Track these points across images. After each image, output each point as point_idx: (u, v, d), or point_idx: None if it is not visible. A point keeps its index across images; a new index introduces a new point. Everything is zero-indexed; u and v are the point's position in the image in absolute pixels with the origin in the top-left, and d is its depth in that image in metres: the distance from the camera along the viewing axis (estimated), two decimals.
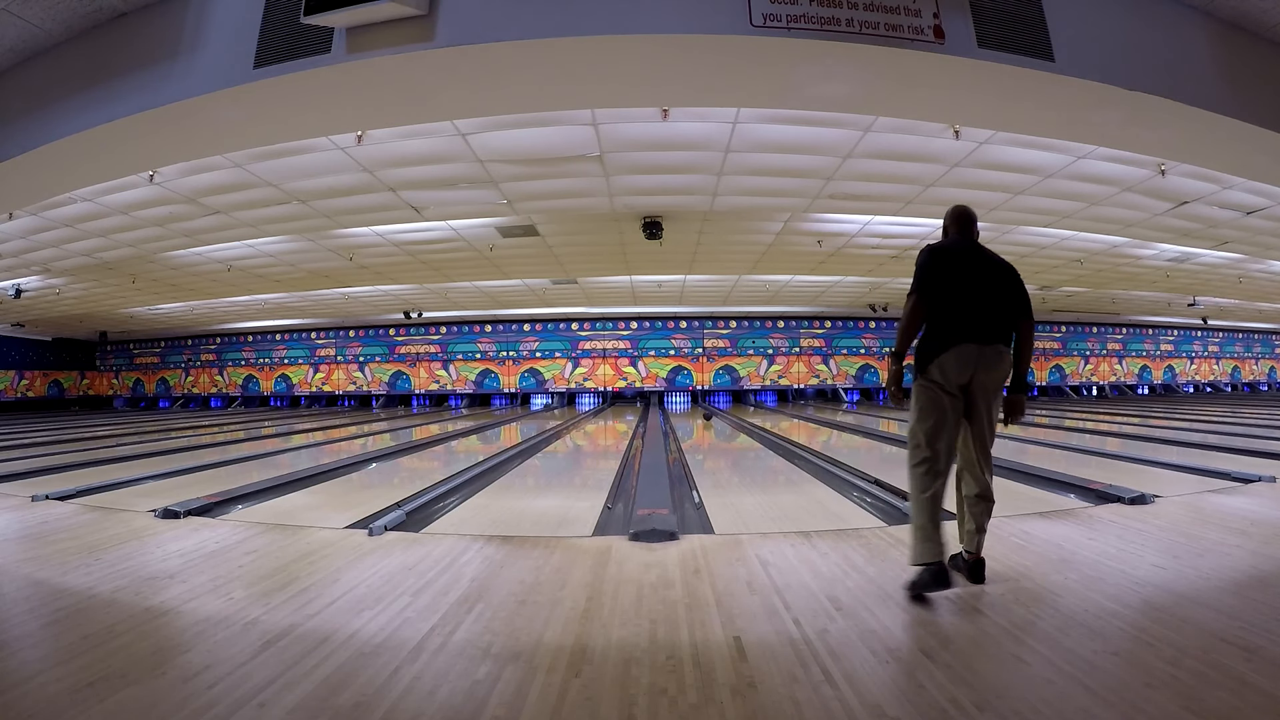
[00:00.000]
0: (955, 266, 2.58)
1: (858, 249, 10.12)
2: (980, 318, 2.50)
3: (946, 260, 2.59)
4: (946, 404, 2.46)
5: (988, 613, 2.21)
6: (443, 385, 18.77)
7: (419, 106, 4.70)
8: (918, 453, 2.48)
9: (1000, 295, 2.58)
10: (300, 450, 7.71)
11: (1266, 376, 23.47)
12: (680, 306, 16.98)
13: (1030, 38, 3.97)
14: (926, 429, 2.47)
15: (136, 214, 7.61)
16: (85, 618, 2.24)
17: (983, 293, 2.55)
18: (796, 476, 5.40)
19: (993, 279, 2.61)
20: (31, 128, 4.87)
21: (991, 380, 2.51)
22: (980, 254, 2.67)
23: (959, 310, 2.50)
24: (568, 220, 8.41)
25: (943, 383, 2.46)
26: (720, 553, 2.97)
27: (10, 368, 18.76)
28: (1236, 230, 8.74)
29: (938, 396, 2.47)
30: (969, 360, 2.45)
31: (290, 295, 13.66)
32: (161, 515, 3.78)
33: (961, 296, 2.52)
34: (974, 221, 2.79)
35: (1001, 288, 2.60)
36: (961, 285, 2.54)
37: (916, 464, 2.48)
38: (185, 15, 4.24)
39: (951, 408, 2.47)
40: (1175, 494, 4.04)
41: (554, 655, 1.94)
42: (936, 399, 2.47)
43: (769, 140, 5.90)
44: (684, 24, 3.68)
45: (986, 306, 2.53)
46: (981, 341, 2.47)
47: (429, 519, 3.82)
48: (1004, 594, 2.39)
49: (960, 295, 2.52)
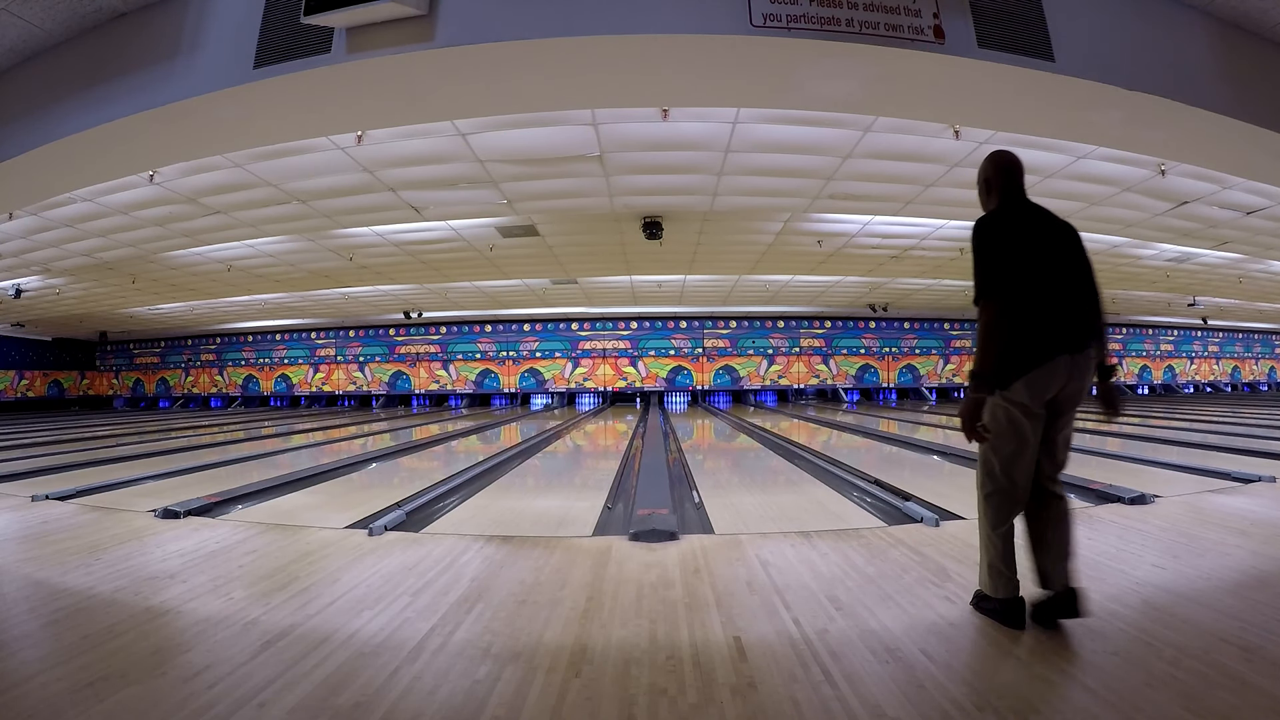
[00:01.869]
0: (1029, 248, 2.08)
1: (858, 249, 10.12)
2: (1071, 318, 2.06)
3: (1018, 241, 2.08)
4: (1029, 428, 2.06)
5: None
6: (443, 385, 18.77)
7: (419, 106, 4.70)
8: (991, 482, 2.11)
9: (1083, 279, 2.11)
10: (300, 450, 7.71)
11: (1266, 376, 23.47)
12: (680, 306, 16.98)
13: (1030, 38, 3.97)
14: (1004, 457, 2.08)
15: (136, 214, 7.61)
16: (85, 618, 2.24)
17: (1067, 281, 2.09)
18: (796, 476, 5.40)
19: (1071, 256, 2.12)
20: (31, 128, 4.87)
21: (1080, 390, 2.08)
22: (1049, 222, 2.15)
23: (1046, 311, 2.03)
24: (568, 220, 8.41)
25: (1027, 403, 2.03)
26: (720, 553, 2.97)
27: (10, 368, 18.75)
28: (1236, 230, 8.74)
29: (1019, 419, 2.05)
30: (1060, 374, 2.02)
31: (290, 295, 13.66)
32: (161, 515, 3.78)
33: (1046, 291, 2.04)
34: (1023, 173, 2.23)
35: (1081, 266, 2.12)
36: (1043, 275, 2.05)
37: (989, 494, 2.12)
38: (185, 15, 4.24)
39: (1034, 431, 2.07)
40: (1175, 494, 4.04)
41: (554, 655, 1.94)
42: (1017, 422, 2.05)
43: (769, 140, 5.90)
44: (684, 24, 3.68)
45: (1075, 300, 2.08)
46: (1074, 350, 2.03)
47: (429, 519, 3.82)
48: None
49: (1044, 289, 2.04)
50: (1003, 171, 2.22)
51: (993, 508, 2.11)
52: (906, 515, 3.64)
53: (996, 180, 2.22)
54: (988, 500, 2.13)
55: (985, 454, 2.13)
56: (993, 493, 2.11)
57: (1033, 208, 2.17)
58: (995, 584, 2.11)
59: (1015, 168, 2.21)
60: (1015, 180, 2.20)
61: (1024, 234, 2.09)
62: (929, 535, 3.20)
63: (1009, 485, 2.08)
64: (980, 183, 2.29)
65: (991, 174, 2.23)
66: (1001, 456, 2.09)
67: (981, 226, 2.12)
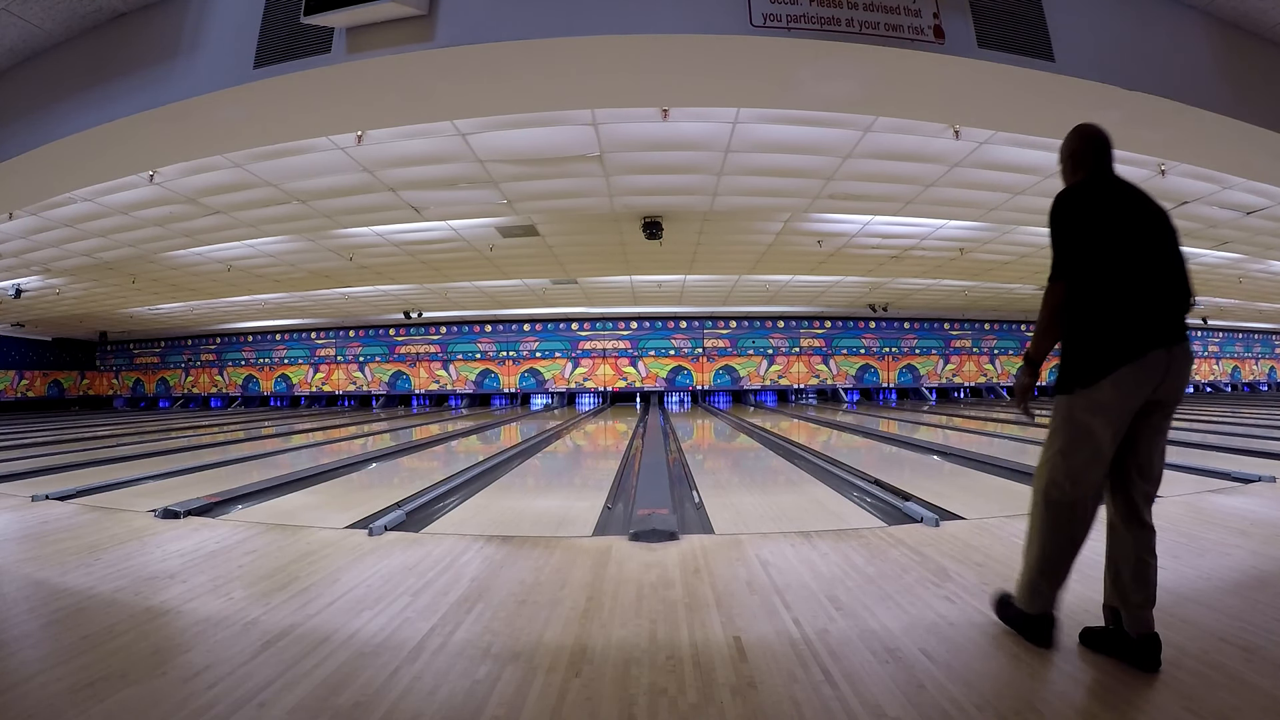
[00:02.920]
0: (1118, 226, 1.82)
1: (858, 249, 10.12)
2: (1166, 306, 1.80)
3: (1104, 218, 1.83)
4: (1108, 436, 1.78)
5: (988, 612, 2.20)
6: (443, 385, 18.77)
7: (419, 106, 4.70)
8: (1055, 492, 1.85)
9: (1181, 265, 1.87)
10: (300, 450, 7.71)
11: (1266, 376, 23.47)
12: (680, 306, 16.99)
13: (1030, 37, 3.97)
14: (1074, 465, 1.82)
15: (136, 214, 7.62)
16: (85, 618, 2.24)
17: (1160, 265, 1.83)
18: (796, 476, 5.40)
19: (1167, 239, 1.87)
20: (31, 128, 4.87)
21: (1177, 390, 1.82)
22: (1142, 201, 1.90)
23: (1137, 297, 1.78)
24: (568, 220, 8.41)
25: (1114, 405, 1.77)
26: (720, 553, 2.97)
27: (10, 368, 18.76)
28: (1236, 230, 8.74)
29: (1097, 424, 1.78)
30: (1156, 372, 1.76)
31: (290, 295, 13.66)
32: (161, 515, 3.78)
33: (1137, 274, 1.79)
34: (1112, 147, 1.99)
35: (1177, 251, 1.87)
36: (1134, 256, 1.80)
37: (1049, 504, 1.86)
38: (185, 15, 4.24)
39: (1114, 439, 1.80)
40: (1175, 494, 4.04)
41: (554, 655, 1.94)
42: (1093, 428, 1.79)
43: (769, 140, 5.90)
44: (684, 24, 3.68)
45: (1171, 288, 1.83)
46: (1170, 343, 1.77)
47: (429, 519, 3.82)
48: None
49: (1136, 272, 1.79)
50: (1090, 144, 1.98)
51: (1051, 517, 1.86)
52: (906, 515, 3.64)
53: (1083, 153, 1.98)
54: (1046, 511, 1.87)
55: (1051, 460, 1.88)
56: (1054, 504, 1.85)
57: (1123, 184, 1.92)
58: (1029, 598, 1.92)
59: (1103, 140, 1.97)
60: (1103, 154, 1.97)
61: (1112, 210, 1.84)
62: (929, 535, 3.20)
63: (1075, 496, 1.82)
64: (1064, 159, 2.05)
65: (1078, 146, 2.00)
66: (1071, 465, 1.82)
67: (1063, 199, 1.88)
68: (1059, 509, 1.85)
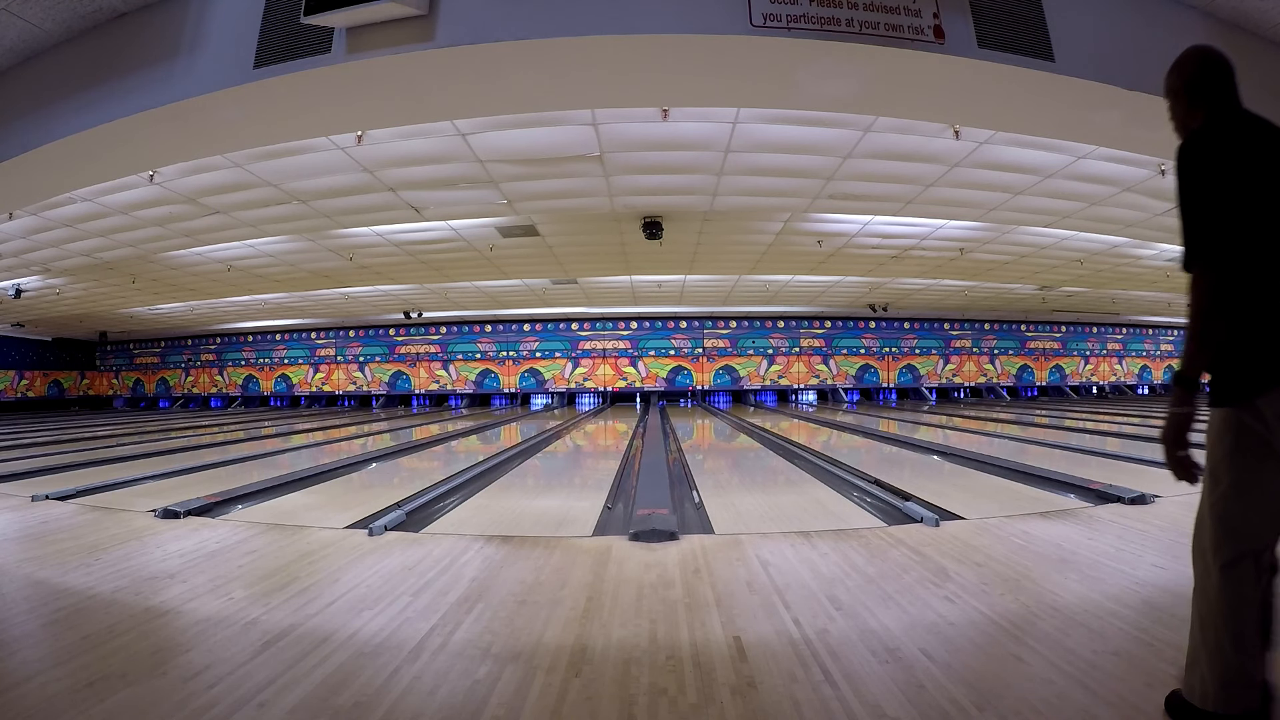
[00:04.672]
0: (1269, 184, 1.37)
1: (858, 249, 10.12)
2: None
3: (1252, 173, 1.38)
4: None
5: (988, 612, 2.20)
6: (443, 385, 18.76)
7: (419, 106, 4.70)
8: (1235, 544, 1.40)
9: None
10: (300, 450, 7.71)
11: None
12: (680, 306, 16.98)
13: (1030, 38, 3.97)
14: (1248, 507, 1.40)
15: (136, 214, 7.61)
16: (85, 618, 2.24)
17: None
18: (796, 476, 5.40)
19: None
20: (31, 128, 4.87)
21: None
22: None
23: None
24: (568, 220, 8.41)
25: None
26: (720, 553, 2.97)
27: (10, 368, 18.75)
28: None
29: (1266, 452, 1.38)
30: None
31: (290, 295, 13.66)
32: (161, 515, 3.78)
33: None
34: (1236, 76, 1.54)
35: None
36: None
37: (1230, 561, 1.40)
38: (185, 15, 4.24)
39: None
40: (1175, 494, 4.04)
41: (554, 655, 1.94)
42: (1263, 458, 1.38)
43: (769, 140, 5.90)
44: (684, 24, 3.68)
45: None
46: None
47: (429, 519, 3.82)
48: (1004, 594, 2.39)
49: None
50: (1212, 70, 1.51)
51: (1235, 579, 1.39)
52: (906, 515, 3.64)
53: (1203, 83, 1.51)
54: (1225, 572, 1.40)
55: (1219, 508, 1.44)
56: (1236, 559, 1.39)
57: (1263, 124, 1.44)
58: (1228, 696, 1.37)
59: (1227, 66, 1.52)
60: (1229, 84, 1.51)
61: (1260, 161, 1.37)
62: (929, 535, 3.20)
63: (1261, 549, 1.38)
64: (1172, 92, 1.58)
65: (1194, 74, 1.52)
66: (1245, 506, 1.39)
67: (1191, 149, 1.42)
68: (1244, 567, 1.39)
